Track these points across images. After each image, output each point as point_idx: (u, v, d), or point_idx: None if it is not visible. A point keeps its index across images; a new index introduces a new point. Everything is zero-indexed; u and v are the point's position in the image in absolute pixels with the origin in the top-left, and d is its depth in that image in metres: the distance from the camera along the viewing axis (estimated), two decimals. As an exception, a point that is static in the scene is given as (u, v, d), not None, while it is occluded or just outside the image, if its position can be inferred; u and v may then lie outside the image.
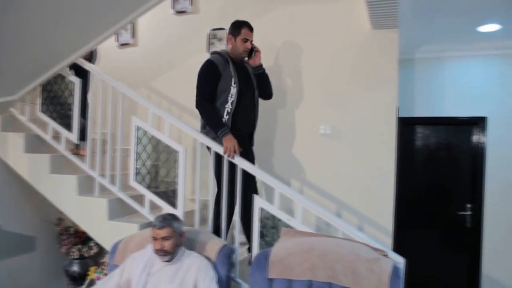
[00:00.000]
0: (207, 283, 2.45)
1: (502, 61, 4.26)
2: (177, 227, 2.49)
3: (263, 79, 3.27)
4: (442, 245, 4.61)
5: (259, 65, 3.22)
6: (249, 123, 3.19)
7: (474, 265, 4.40)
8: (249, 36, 3.10)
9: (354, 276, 2.39)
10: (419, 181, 4.68)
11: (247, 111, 3.15)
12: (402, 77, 4.48)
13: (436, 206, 4.64)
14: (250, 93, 3.18)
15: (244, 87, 3.10)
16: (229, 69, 3.04)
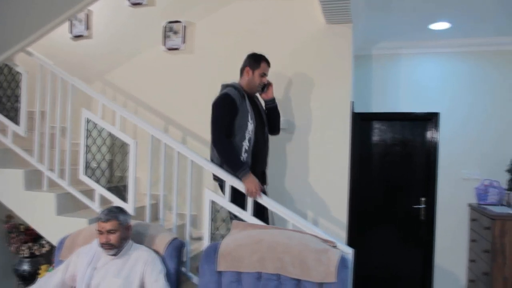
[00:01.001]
0: (154, 276, 2.41)
1: (453, 58, 4.39)
2: (123, 220, 2.44)
3: (274, 113, 3.16)
4: (398, 239, 4.71)
5: (272, 99, 3.12)
6: (263, 161, 3.08)
7: (427, 257, 4.53)
8: (266, 70, 3.02)
9: (302, 267, 2.40)
10: (375, 176, 4.76)
11: (262, 149, 3.01)
12: (359, 73, 4.57)
13: (393, 200, 4.74)
14: (262, 129, 3.02)
15: (258, 123, 2.95)
16: (245, 104, 2.86)
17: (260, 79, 2.97)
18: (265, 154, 3.09)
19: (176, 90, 3.89)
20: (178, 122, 3.86)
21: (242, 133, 2.81)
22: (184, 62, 3.89)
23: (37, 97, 3.25)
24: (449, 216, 4.43)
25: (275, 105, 3.13)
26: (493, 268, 3.58)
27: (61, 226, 3.01)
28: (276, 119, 3.18)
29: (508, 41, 4.20)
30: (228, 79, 3.70)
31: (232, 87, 2.90)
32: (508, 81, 4.26)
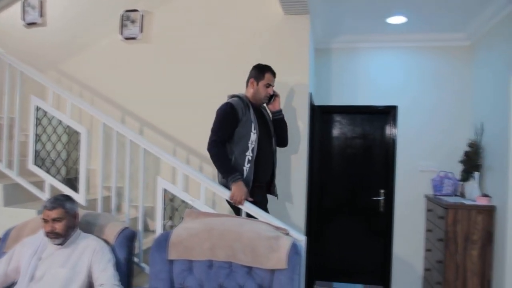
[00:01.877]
0: (103, 266, 2.36)
1: (410, 52, 4.49)
2: (70, 208, 2.37)
3: (281, 125, 3.12)
4: (359, 231, 4.78)
5: (279, 110, 3.09)
6: (267, 172, 2.99)
7: (386, 248, 4.61)
8: (272, 81, 2.96)
9: (254, 254, 2.40)
10: (336, 169, 4.82)
11: (266, 160, 2.94)
12: (319, 66, 4.61)
13: (354, 192, 4.81)
14: (268, 140, 2.99)
15: (264, 134, 2.91)
16: (249, 114, 2.82)
17: (266, 90, 2.93)
18: (271, 165, 3.01)
19: (133, 80, 3.82)
20: (135, 113, 3.79)
21: (245, 143, 2.77)
22: (142, 52, 3.82)
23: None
24: (407, 207, 4.53)
25: (281, 117, 3.09)
26: (446, 256, 3.68)
27: (8, 217, 2.90)
28: (283, 131, 3.14)
29: (461, 37, 4.33)
30: (185, 69, 3.68)
31: (238, 97, 2.87)
32: (460, 75, 4.39)
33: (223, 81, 3.65)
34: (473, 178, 3.92)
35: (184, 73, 3.73)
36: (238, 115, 2.77)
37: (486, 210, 3.63)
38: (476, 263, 3.65)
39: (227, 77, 3.66)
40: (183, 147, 3.68)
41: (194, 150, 3.66)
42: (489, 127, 3.81)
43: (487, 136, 3.85)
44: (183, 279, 2.45)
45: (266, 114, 3.09)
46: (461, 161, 4.07)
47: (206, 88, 3.69)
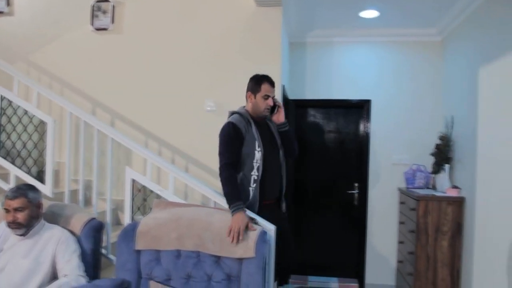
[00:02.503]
0: (67, 256, 2.32)
1: (383, 47, 4.54)
2: (33, 197, 2.32)
3: (286, 137, 2.84)
4: (334, 224, 4.81)
5: (284, 122, 2.80)
6: (275, 188, 2.79)
7: (361, 241, 4.65)
8: (270, 92, 2.70)
9: (222, 244, 2.38)
10: (311, 163, 4.83)
11: (273, 175, 2.76)
12: (294, 60, 4.62)
13: (329, 186, 4.83)
14: (275, 154, 2.79)
15: (269, 149, 2.72)
16: (252, 131, 2.65)
17: (265, 102, 2.69)
18: (278, 180, 2.81)
19: (104, 71, 3.77)
20: (106, 105, 3.73)
21: (249, 162, 2.62)
22: (113, 43, 3.77)
23: None
24: (380, 201, 4.58)
25: (286, 129, 2.82)
26: (417, 247, 3.73)
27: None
28: (290, 143, 2.86)
29: (432, 32, 4.39)
30: (158, 63, 3.64)
31: (238, 113, 2.71)
32: (432, 70, 4.45)
33: (195, 72, 3.63)
34: (444, 170, 3.98)
35: (156, 64, 3.70)
36: (241, 134, 2.62)
37: (456, 202, 3.69)
38: (446, 254, 3.71)
39: (199, 69, 3.63)
40: (155, 139, 3.64)
41: (166, 143, 3.62)
42: (459, 120, 3.87)
43: (457, 129, 3.91)
44: (151, 269, 2.43)
45: (271, 125, 2.87)
46: (432, 154, 4.12)
47: (178, 80, 3.66)
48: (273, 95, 2.73)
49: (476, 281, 3.36)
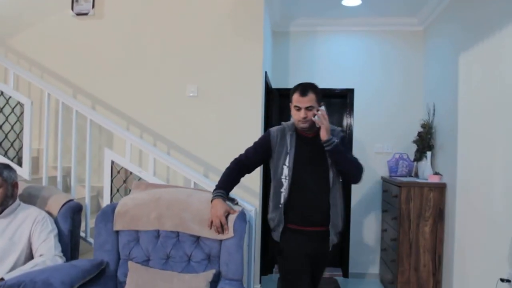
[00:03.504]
0: (44, 236, 2.27)
1: (366, 36, 4.56)
2: (8, 176, 2.27)
3: (334, 158, 2.32)
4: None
5: (326, 140, 2.28)
6: (311, 214, 2.34)
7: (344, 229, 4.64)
8: (300, 102, 2.30)
9: (202, 224, 2.36)
10: (295, 152, 4.83)
11: (307, 198, 2.34)
12: (277, 49, 4.62)
13: (312, 176, 4.82)
14: (316, 175, 2.36)
15: (307, 167, 2.36)
16: (286, 144, 2.40)
17: (297, 113, 2.34)
18: (317, 205, 2.34)
19: (85, 57, 3.71)
20: (87, 91, 3.68)
21: (278, 177, 2.38)
22: (94, 28, 3.71)
23: None
24: (363, 189, 4.60)
25: (330, 148, 2.29)
26: (400, 234, 3.75)
27: None
28: (338, 164, 2.33)
29: (414, 22, 4.43)
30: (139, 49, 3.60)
31: (284, 124, 2.53)
32: (414, 59, 4.50)
33: (177, 57, 3.60)
34: (426, 157, 4.01)
35: (137, 50, 3.66)
36: (270, 142, 2.43)
37: (438, 188, 3.73)
38: (428, 239, 3.74)
39: (181, 55, 3.60)
40: (137, 125, 3.60)
41: (147, 128, 3.58)
42: (440, 108, 3.91)
43: (438, 117, 3.95)
44: (129, 250, 2.40)
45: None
46: (414, 141, 4.15)
47: (160, 65, 3.63)
48: (307, 105, 2.28)
49: (456, 266, 3.39)
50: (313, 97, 2.30)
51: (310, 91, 2.30)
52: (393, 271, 3.89)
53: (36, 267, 2.13)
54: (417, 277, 3.75)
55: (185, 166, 2.68)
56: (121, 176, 2.87)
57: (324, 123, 2.28)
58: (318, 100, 2.33)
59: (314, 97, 2.30)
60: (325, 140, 2.29)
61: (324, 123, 2.28)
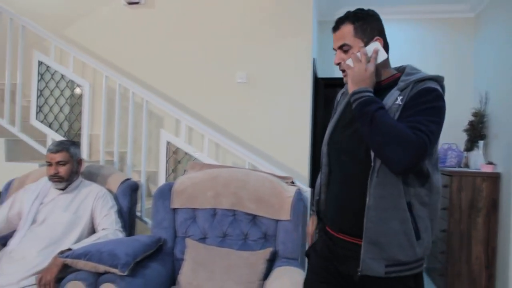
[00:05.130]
0: (105, 211, 2.34)
1: (415, 24, 4.47)
2: (74, 152, 2.35)
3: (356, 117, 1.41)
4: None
5: (352, 92, 1.42)
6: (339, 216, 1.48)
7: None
8: (334, 41, 1.52)
9: (258, 203, 2.37)
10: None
11: (337, 189, 1.52)
12: (323, 39, 4.58)
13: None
14: (357, 155, 1.42)
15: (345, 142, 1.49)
16: (338, 108, 1.68)
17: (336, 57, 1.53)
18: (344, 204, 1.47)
19: (136, 45, 3.79)
20: (139, 78, 3.75)
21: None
22: (145, 17, 3.79)
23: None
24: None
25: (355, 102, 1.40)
26: (450, 224, 3.65)
27: (10, 172, 2.85)
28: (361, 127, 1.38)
29: (465, 8, 4.32)
30: (189, 36, 3.65)
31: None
32: (464, 47, 4.37)
33: (228, 46, 3.63)
34: (477, 147, 3.89)
35: (187, 37, 3.70)
36: (334, 106, 1.78)
37: (491, 177, 3.60)
38: (480, 231, 3.62)
39: (231, 43, 3.63)
40: (188, 112, 3.64)
41: (198, 115, 3.62)
42: (494, 96, 3.78)
43: (491, 105, 3.82)
44: (186, 228, 2.43)
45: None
46: (465, 130, 4.03)
47: (210, 52, 3.66)
48: (338, 44, 1.49)
49: (513, 257, 3.27)
50: (349, 30, 1.45)
51: (345, 22, 1.46)
52: (442, 263, 3.79)
53: (100, 240, 2.19)
54: (469, 269, 3.64)
55: (240, 147, 2.69)
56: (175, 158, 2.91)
57: (352, 68, 1.43)
58: (364, 34, 1.45)
59: (351, 30, 1.45)
60: (353, 91, 1.42)
61: (354, 68, 1.42)
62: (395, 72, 1.51)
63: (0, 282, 2.06)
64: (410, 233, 1.33)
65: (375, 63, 1.42)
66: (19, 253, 2.16)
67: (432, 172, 1.38)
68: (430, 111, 1.32)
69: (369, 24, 1.46)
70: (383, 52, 1.43)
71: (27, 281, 2.07)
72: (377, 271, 1.34)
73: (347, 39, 1.46)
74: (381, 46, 1.43)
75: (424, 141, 1.26)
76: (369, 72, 1.40)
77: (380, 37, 1.46)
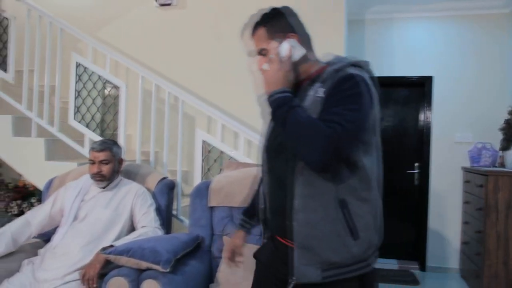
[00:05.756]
0: (145, 209, 2.37)
1: (446, 21, 4.39)
2: (116, 152, 2.40)
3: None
4: (392, 204, 4.68)
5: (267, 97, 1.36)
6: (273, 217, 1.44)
7: (421, 222, 4.50)
8: (255, 48, 1.52)
9: (295, 201, 2.37)
10: (369, 142, 4.74)
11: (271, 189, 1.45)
12: (352, 38, 4.54)
13: (386, 166, 4.69)
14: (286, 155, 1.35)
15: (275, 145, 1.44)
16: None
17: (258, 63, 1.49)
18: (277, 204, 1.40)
19: (168, 46, 3.84)
20: (171, 79, 3.80)
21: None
22: (177, 18, 3.84)
23: (25, 41, 3.17)
24: (442, 180, 4.42)
25: (270, 105, 1.33)
26: (486, 225, 3.57)
27: (50, 171, 2.93)
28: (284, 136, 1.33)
29: (499, 4, 4.21)
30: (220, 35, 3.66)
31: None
32: (499, 43, 4.27)
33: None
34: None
35: (220, 38, 3.73)
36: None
37: (529, 177, 3.51)
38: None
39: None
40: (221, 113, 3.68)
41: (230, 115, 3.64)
42: (532, 93, 3.69)
43: (529, 102, 3.73)
44: (224, 226, 2.45)
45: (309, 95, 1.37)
46: (501, 129, 3.94)
47: (241, 53, 3.67)
48: (258, 49, 1.49)
49: (554, 258, 3.18)
50: (262, 33, 1.44)
51: (258, 26, 1.48)
52: (478, 265, 3.71)
53: (140, 237, 2.22)
54: (507, 271, 3.55)
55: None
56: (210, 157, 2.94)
57: (266, 71, 1.36)
58: (276, 34, 1.41)
59: (264, 33, 1.44)
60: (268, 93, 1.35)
61: (267, 70, 1.36)
62: (323, 64, 1.43)
63: (45, 276, 2.12)
64: (345, 233, 1.26)
65: (290, 61, 1.35)
66: (62, 249, 2.22)
67: (366, 162, 1.34)
68: (347, 99, 1.25)
69: (280, 22, 1.43)
70: (299, 48, 1.38)
71: (71, 276, 2.13)
72: (313, 277, 1.26)
73: (262, 43, 1.43)
74: (297, 42, 1.38)
75: (337, 133, 1.18)
76: (282, 72, 1.33)
77: (295, 33, 1.40)
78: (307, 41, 1.44)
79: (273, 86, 1.32)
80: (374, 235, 1.36)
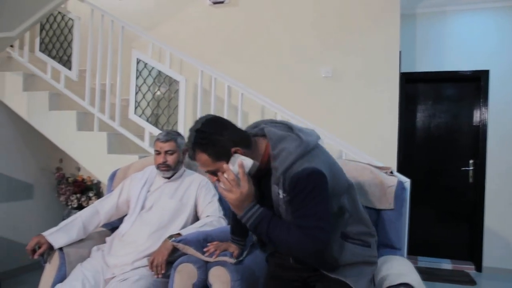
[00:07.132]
0: (208, 199, 2.41)
1: (501, 13, 4.25)
2: (180, 143, 2.45)
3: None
4: (447, 202, 4.56)
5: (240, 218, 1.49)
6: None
7: (477, 221, 4.35)
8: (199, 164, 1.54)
9: (358, 192, 2.34)
10: (421, 137, 4.65)
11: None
12: (404, 32, 4.45)
13: (440, 163, 4.60)
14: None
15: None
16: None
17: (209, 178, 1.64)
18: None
19: (221, 43, 3.90)
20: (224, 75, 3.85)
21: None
22: (229, 16, 3.90)
23: (89, 40, 3.30)
24: (500, 178, 4.27)
25: (247, 224, 1.47)
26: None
27: (112, 163, 3.03)
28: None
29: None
30: (274, 32, 3.70)
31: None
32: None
33: (313, 44, 3.65)
34: None
35: (271, 34, 3.77)
36: None
37: None
38: None
39: (316, 41, 3.64)
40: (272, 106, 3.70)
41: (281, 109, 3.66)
42: None
43: None
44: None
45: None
46: None
47: (294, 48, 3.69)
48: (205, 170, 1.52)
49: None
50: (206, 159, 1.46)
51: (196, 151, 1.46)
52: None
53: (205, 226, 2.26)
54: None
55: (334, 136, 2.69)
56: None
57: (228, 197, 1.43)
58: (221, 155, 1.44)
59: (208, 158, 1.46)
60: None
61: (229, 197, 1.42)
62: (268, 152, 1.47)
63: (116, 262, 2.19)
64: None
65: (246, 177, 1.40)
66: (131, 237, 2.29)
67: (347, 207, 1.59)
68: (310, 195, 1.35)
69: (219, 144, 1.43)
70: (247, 160, 1.41)
71: (140, 262, 2.19)
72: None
73: (209, 166, 1.47)
74: (241, 154, 1.41)
75: (319, 239, 1.34)
76: (244, 192, 1.40)
77: (236, 146, 1.42)
78: (247, 142, 1.47)
79: (241, 209, 1.43)
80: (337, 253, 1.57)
